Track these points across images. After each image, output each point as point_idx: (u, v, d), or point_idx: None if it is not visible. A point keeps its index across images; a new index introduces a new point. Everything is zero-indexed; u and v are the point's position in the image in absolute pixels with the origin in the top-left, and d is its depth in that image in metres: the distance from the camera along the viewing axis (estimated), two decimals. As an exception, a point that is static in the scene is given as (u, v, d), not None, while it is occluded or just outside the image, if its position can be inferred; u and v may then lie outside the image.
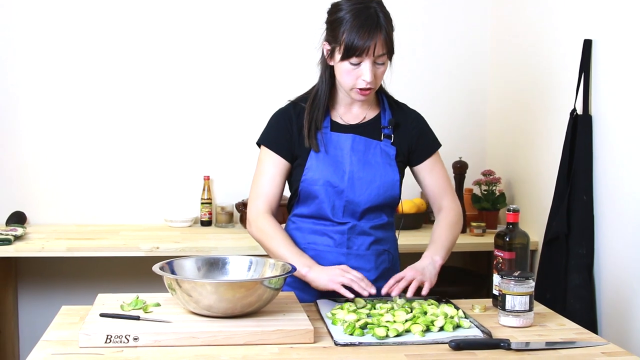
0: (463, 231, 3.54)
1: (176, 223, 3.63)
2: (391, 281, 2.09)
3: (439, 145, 2.33)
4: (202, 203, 3.67)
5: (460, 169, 3.57)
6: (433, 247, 2.23)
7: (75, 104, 3.66)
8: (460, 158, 3.59)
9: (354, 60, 2.07)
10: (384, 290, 2.07)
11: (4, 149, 3.62)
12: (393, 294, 2.06)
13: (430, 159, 2.29)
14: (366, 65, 2.07)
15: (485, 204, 3.58)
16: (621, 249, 2.70)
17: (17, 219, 3.53)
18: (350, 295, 2.01)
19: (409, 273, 2.10)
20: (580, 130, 2.87)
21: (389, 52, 2.10)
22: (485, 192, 3.61)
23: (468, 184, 3.65)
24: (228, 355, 1.71)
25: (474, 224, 3.48)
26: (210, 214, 3.68)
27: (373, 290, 2.01)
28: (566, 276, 2.89)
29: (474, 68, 3.88)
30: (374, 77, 2.09)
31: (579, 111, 2.89)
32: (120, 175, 3.71)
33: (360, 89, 2.11)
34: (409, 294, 2.07)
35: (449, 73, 3.88)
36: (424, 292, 2.09)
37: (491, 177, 3.60)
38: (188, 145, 3.73)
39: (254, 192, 2.22)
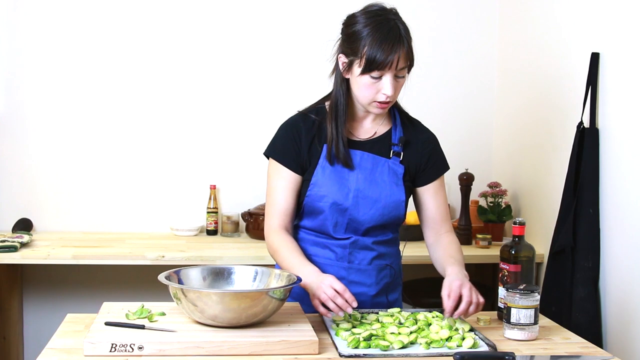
0: (469, 243, 3.54)
1: (182, 232, 3.63)
2: (451, 303, 1.95)
3: (447, 167, 2.28)
4: (208, 212, 3.67)
5: (466, 180, 3.56)
6: (455, 262, 2.10)
7: (82, 112, 3.67)
8: (466, 170, 3.59)
9: (375, 74, 2.03)
10: (446, 315, 1.96)
11: (11, 156, 3.64)
12: (455, 317, 1.96)
13: (436, 181, 2.24)
14: (387, 79, 2.04)
15: (491, 216, 3.58)
16: (627, 262, 2.69)
17: (23, 225, 3.54)
18: (329, 316, 1.95)
19: (464, 291, 1.96)
20: (587, 143, 2.86)
21: (410, 64, 2.08)
22: (491, 204, 3.61)
23: (474, 195, 3.65)
24: (232, 365, 1.71)
25: (479, 236, 3.48)
26: (216, 223, 3.68)
27: (349, 310, 1.92)
28: (572, 289, 2.89)
29: (480, 80, 3.89)
30: (394, 91, 2.06)
31: (586, 124, 2.89)
32: (127, 184, 3.71)
33: (380, 102, 2.08)
34: (469, 315, 1.98)
35: (456, 84, 3.88)
36: (481, 306, 1.99)
37: (497, 189, 3.59)
38: (194, 154, 3.74)
39: (267, 208, 2.20)
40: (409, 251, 3.20)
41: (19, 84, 3.62)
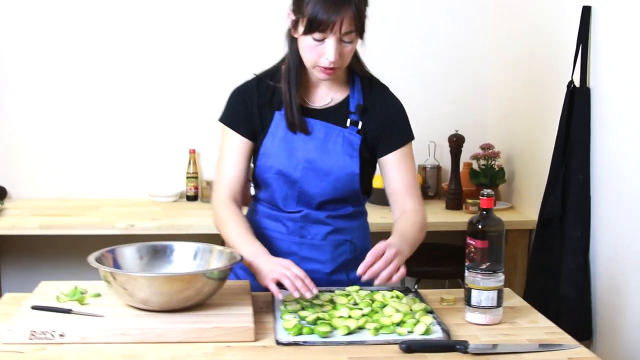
0: (459, 208, 3.37)
1: (161, 198, 3.51)
2: (369, 258, 1.77)
3: (411, 137, 2.07)
4: (187, 177, 3.54)
5: (456, 142, 3.38)
6: (400, 236, 1.92)
7: (59, 76, 3.55)
8: (456, 131, 3.41)
9: (317, 35, 1.86)
10: (359, 271, 1.78)
11: (-14, 123, 3.53)
12: (365, 277, 1.78)
13: (397, 151, 2.03)
14: (330, 42, 1.86)
15: (483, 179, 3.39)
16: (618, 232, 2.52)
17: (-3, 193, 3.44)
18: (279, 296, 1.78)
19: (389, 252, 1.79)
20: (577, 104, 2.67)
21: (358, 29, 1.88)
22: (484, 167, 3.42)
23: (465, 158, 3.47)
24: (156, 355, 1.58)
25: (469, 200, 3.30)
26: (197, 188, 3.55)
27: (308, 295, 1.75)
28: (561, 260, 2.72)
29: (473, 38, 3.69)
30: (339, 56, 1.88)
31: (577, 83, 2.69)
32: (105, 149, 3.60)
33: (324, 68, 1.90)
34: (378, 281, 1.79)
35: (448, 44, 3.69)
36: (396, 280, 1.82)
37: (490, 151, 3.40)
38: (173, 118, 3.61)
39: (217, 176, 2.05)
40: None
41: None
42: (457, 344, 1.61)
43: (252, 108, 2.02)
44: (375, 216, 3.20)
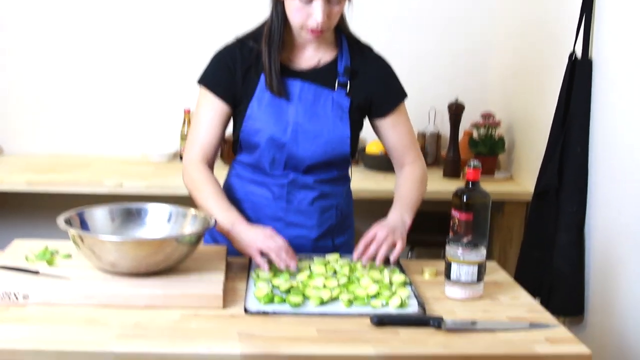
0: (457, 176, 3.29)
1: (154, 157, 3.45)
2: (361, 246, 1.84)
3: (403, 96, 2.04)
4: (182, 138, 3.48)
5: (455, 110, 3.29)
6: (400, 205, 1.98)
7: (54, 32, 3.47)
8: (456, 99, 3.32)
9: None
10: (355, 257, 1.84)
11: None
12: (364, 262, 1.83)
13: (392, 113, 2.02)
14: (318, 3, 1.81)
15: (482, 148, 3.30)
16: (614, 207, 2.43)
17: (-12, 148, 3.40)
18: (266, 267, 1.77)
19: (380, 233, 1.85)
20: (578, 76, 2.57)
21: None
22: (484, 137, 3.34)
23: (466, 125, 3.38)
24: (120, 320, 1.53)
25: (467, 169, 3.22)
26: (191, 149, 3.48)
27: (293, 265, 1.77)
28: (555, 233, 2.65)
29: (475, 5, 3.56)
30: (327, 17, 1.83)
31: (579, 55, 2.59)
32: (100, 107, 3.53)
33: (311, 29, 1.86)
34: (378, 262, 1.83)
35: (450, 10, 3.57)
36: (394, 256, 1.85)
37: (490, 119, 3.31)
38: (169, 78, 3.52)
39: (190, 138, 2.01)
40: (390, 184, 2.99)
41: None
42: (431, 320, 1.55)
43: (236, 72, 1.96)
44: (370, 182, 3.16)
